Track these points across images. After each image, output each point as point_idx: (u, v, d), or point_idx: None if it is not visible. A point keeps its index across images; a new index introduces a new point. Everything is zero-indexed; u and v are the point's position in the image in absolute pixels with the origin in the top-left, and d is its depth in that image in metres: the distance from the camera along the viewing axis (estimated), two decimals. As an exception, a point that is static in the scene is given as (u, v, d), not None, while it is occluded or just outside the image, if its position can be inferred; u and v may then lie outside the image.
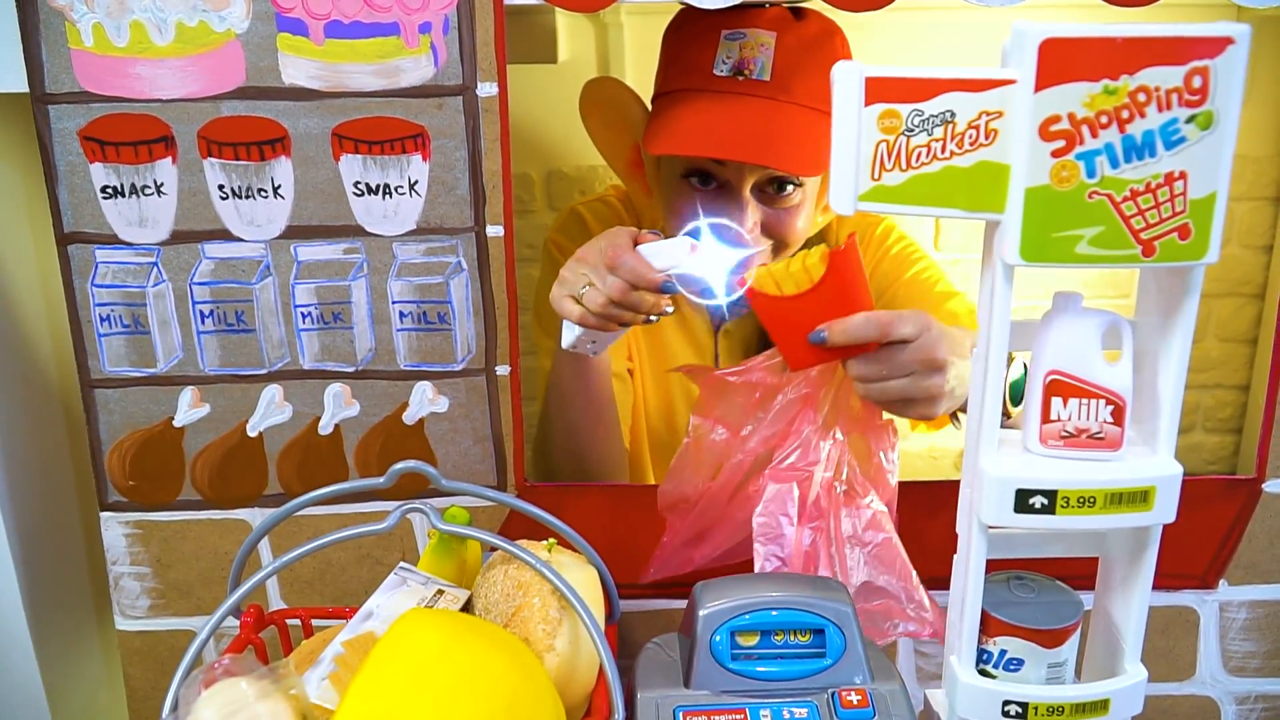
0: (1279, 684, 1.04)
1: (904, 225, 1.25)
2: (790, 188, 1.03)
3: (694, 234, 0.90)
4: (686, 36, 1.04)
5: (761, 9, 1.00)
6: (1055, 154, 0.58)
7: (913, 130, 0.60)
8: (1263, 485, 0.99)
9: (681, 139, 0.99)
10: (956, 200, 0.61)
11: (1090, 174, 0.58)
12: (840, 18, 0.86)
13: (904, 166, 0.61)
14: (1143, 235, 0.59)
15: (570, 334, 0.92)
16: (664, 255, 0.87)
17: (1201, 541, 1.00)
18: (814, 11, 1.03)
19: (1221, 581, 1.01)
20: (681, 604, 0.84)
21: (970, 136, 0.59)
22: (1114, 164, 0.58)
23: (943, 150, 0.60)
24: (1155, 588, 0.78)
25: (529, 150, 1.61)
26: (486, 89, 0.89)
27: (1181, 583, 1.01)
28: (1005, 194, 0.60)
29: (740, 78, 0.99)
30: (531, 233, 1.63)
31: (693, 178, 1.04)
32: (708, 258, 0.88)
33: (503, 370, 0.96)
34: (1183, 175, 0.58)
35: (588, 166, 1.64)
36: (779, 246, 1.09)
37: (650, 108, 1.08)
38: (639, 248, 0.87)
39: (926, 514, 0.91)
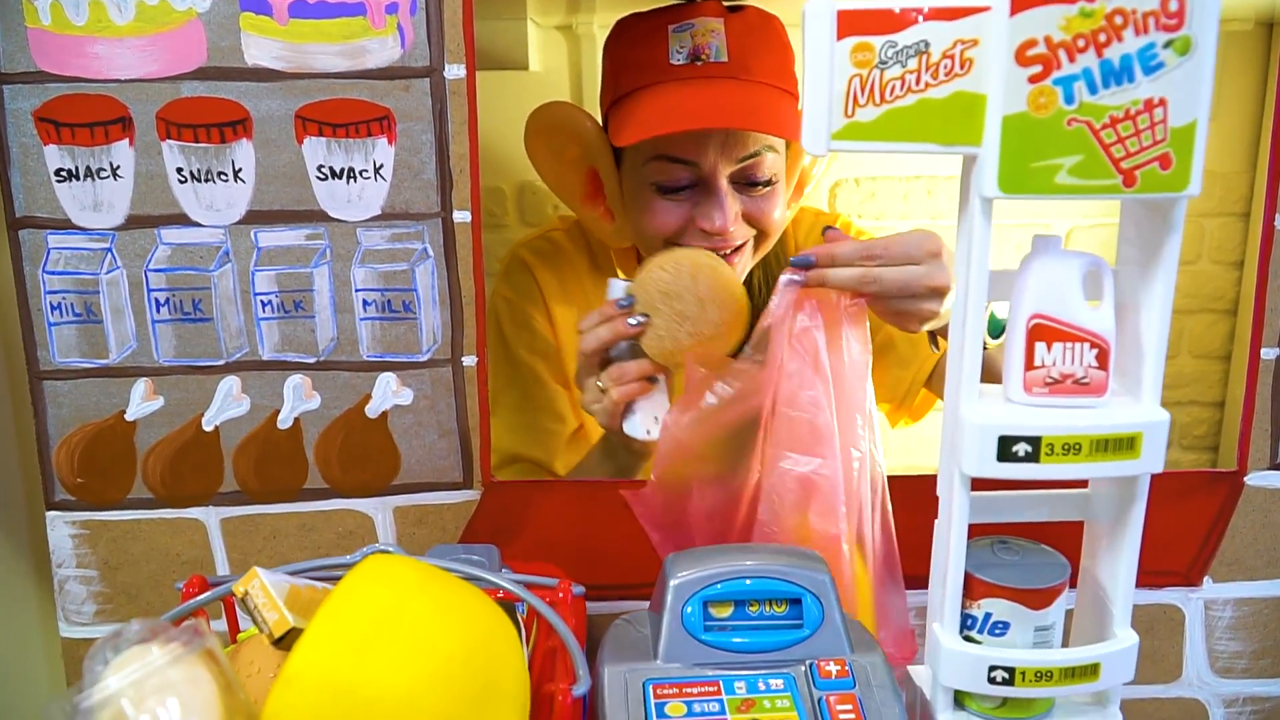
0: (1268, 685, 1.01)
1: (860, 223, 1.26)
2: (762, 186, 1.02)
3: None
4: (632, 40, 1.04)
5: (699, 4, 1.00)
6: (1032, 79, 0.57)
7: (886, 63, 0.59)
8: (1244, 479, 0.97)
9: (656, 121, 0.98)
10: (932, 134, 0.59)
11: (1068, 100, 0.57)
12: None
13: (878, 101, 0.60)
14: (1123, 164, 0.58)
15: (633, 420, 0.93)
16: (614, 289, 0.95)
17: (1184, 537, 0.98)
18: (748, 5, 1.04)
19: (1206, 579, 0.99)
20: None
21: (945, 67, 0.58)
22: (1092, 89, 0.57)
23: (917, 83, 0.59)
24: (1138, 585, 0.75)
25: (500, 164, 1.60)
26: (454, 71, 0.88)
27: (1164, 580, 0.99)
28: (982, 125, 0.58)
29: (699, 63, 0.99)
30: (503, 247, 1.62)
31: (663, 188, 1.03)
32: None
33: (469, 361, 0.93)
34: (1162, 102, 0.57)
35: (558, 181, 1.63)
36: (760, 238, 1.07)
37: (606, 124, 1.07)
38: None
39: (917, 509, 0.87)
